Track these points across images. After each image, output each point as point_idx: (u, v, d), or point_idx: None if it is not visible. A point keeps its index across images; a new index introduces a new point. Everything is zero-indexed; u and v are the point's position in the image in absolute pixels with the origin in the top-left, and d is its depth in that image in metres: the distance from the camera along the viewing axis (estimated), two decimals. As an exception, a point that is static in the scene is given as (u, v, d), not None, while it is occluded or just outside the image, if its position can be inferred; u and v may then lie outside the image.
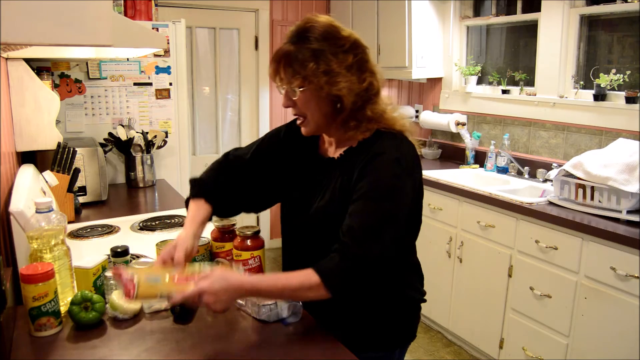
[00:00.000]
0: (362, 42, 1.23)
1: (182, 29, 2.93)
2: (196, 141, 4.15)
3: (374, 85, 1.23)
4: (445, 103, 3.72)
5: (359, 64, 1.20)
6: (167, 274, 1.13)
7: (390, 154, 1.18)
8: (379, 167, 1.17)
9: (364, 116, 1.22)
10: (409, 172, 1.19)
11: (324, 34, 1.18)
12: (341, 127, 1.24)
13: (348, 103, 1.19)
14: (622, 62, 2.71)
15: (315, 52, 1.16)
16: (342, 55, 1.18)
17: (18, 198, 1.43)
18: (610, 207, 2.21)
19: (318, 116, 1.22)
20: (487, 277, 2.67)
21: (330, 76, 1.16)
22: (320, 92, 1.18)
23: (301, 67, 1.16)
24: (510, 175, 3.07)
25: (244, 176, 1.40)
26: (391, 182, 1.16)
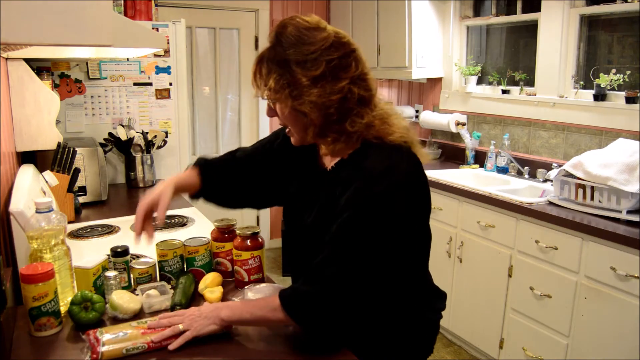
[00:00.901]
0: (346, 43, 1.09)
1: (182, 29, 2.93)
2: (196, 141, 4.15)
3: (354, 94, 1.07)
4: (445, 103, 3.72)
5: (334, 71, 1.06)
6: (133, 329, 1.14)
7: (374, 169, 1.05)
8: (360, 188, 1.05)
9: (343, 130, 1.09)
10: (397, 186, 1.05)
11: (294, 38, 1.06)
12: (320, 139, 1.13)
13: (314, 119, 1.08)
14: (622, 62, 2.71)
15: (280, 62, 1.06)
16: (311, 64, 1.05)
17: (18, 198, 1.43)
18: (610, 207, 2.21)
19: (297, 129, 1.13)
20: (487, 277, 2.67)
21: (293, 89, 1.06)
22: (286, 105, 1.09)
23: (267, 77, 1.08)
24: (510, 175, 3.07)
25: (246, 170, 1.37)
26: (372, 204, 1.03)
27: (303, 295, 1.07)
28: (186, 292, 1.34)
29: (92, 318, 1.21)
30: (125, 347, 1.08)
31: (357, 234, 1.04)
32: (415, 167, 1.11)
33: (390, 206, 1.04)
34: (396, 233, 1.06)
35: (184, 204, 2.40)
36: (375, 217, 1.03)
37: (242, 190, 1.39)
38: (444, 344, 3.00)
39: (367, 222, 1.03)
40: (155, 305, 1.31)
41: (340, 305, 1.05)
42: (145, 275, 1.43)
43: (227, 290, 1.42)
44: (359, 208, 1.04)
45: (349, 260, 1.03)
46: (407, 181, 1.07)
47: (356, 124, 1.09)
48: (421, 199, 1.13)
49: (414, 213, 1.11)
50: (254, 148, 1.41)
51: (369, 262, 1.04)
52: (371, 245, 1.04)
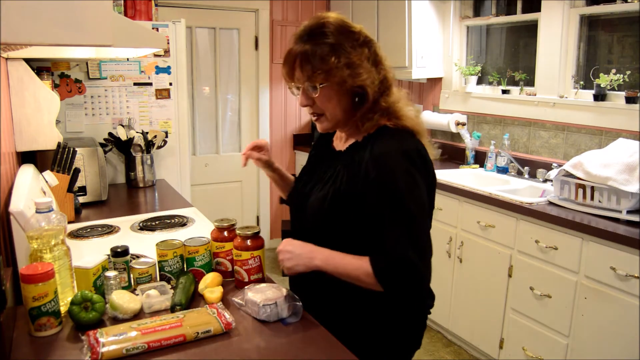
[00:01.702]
0: (370, 37, 1.25)
1: (182, 29, 2.93)
2: (196, 141, 4.15)
3: (388, 78, 1.24)
4: (445, 103, 3.73)
5: (373, 56, 1.22)
6: (133, 329, 1.14)
7: (395, 149, 1.18)
8: (388, 168, 1.17)
9: (379, 107, 1.22)
10: (417, 165, 1.18)
11: (339, 28, 1.19)
12: (359, 120, 1.24)
13: (371, 94, 1.20)
14: (622, 62, 2.71)
15: (333, 47, 1.17)
16: (359, 49, 1.20)
17: (18, 198, 1.43)
18: (610, 207, 2.21)
19: (337, 111, 1.23)
20: (487, 277, 2.67)
21: (353, 68, 1.18)
22: (342, 86, 1.19)
23: (322, 62, 1.17)
24: (510, 175, 3.07)
25: None
26: (404, 180, 1.15)
27: (395, 265, 1.14)
28: (186, 292, 1.34)
29: (92, 318, 1.21)
30: (125, 347, 1.08)
31: (406, 204, 1.15)
32: (424, 150, 1.22)
33: (415, 180, 1.17)
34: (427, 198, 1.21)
35: (184, 204, 2.40)
36: (411, 192, 1.15)
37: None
38: (444, 344, 3.00)
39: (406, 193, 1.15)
40: (155, 305, 1.31)
41: (424, 269, 1.17)
42: (145, 275, 1.43)
43: (227, 290, 1.42)
44: (391, 184, 1.15)
45: (414, 228, 1.15)
46: (422, 160, 1.20)
47: (388, 102, 1.22)
48: (431, 180, 1.24)
49: (428, 189, 1.22)
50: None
51: (423, 228, 1.19)
52: (419, 213, 1.17)
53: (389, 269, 1.15)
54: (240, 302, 1.32)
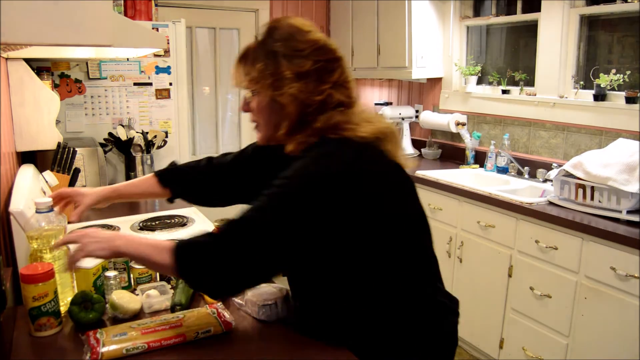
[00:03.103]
0: (333, 51, 1.13)
1: (182, 29, 2.93)
2: (196, 141, 4.15)
3: (333, 99, 1.10)
4: (445, 103, 3.72)
5: (318, 72, 1.09)
6: (133, 329, 1.14)
7: (312, 155, 1.06)
8: (293, 167, 1.05)
9: (312, 128, 1.10)
10: (322, 174, 1.02)
11: (285, 35, 1.10)
12: (289, 138, 1.12)
13: (290, 112, 1.09)
14: (622, 62, 2.71)
15: (268, 53, 1.09)
16: (298, 60, 1.08)
17: (18, 198, 1.43)
18: (610, 207, 2.21)
19: (269, 124, 1.14)
20: (487, 277, 2.67)
21: (275, 79, 1.08)
22: (265, 96, 1.11)
23: (251, 67, 1.11)
24: (510, 175, 3.07)
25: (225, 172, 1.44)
26: (288, 183, 1.03)
27: (197, 245, 1.04)
28: (186, 292, 1.34)
29: (92, 318, 1.21)
30: (125, 347, 1.08)
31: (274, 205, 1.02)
32: (363, 158, 1.06)
33: (315, 190, 1.01)
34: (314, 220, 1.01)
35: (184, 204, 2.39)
36: (296, 196, 1.01)
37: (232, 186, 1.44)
38: (444, 344, 3.00)
39: (286, 198, 1.02)
40: (155, 305, 1.31)
41: (230, 267, 1.02)
42: (145, 275, 1.43)
43: (227, 290, 1.42)
44: (286, 184, 1.03)
45: (255, 227, 1.01)
46: (344, 170, 1.03)
47: (326, 123, 1.09)
48: (362, 192, 1.04)
49: (347, 203, 1.02)
50: (237, 152, 1.47)
51: (275, 236, 1.01)
52: (283, 221, 1.01)
53: (191, 241, 1.05)
54: (240, 302, 1.32)
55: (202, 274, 1.03)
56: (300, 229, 1.01)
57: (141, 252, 1.08)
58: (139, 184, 1.47)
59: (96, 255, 1.10)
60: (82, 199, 1.40)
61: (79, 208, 1.39)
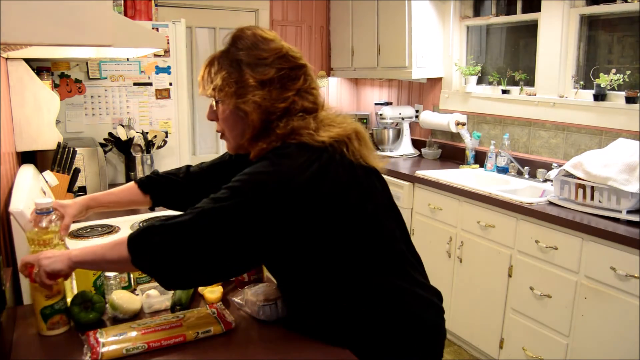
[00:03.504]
0: (296, 59, 1.14)
1: (182, 29, 2.93)
2: (196, 141, 4.15)
3: (297, 105, 1.12)
4: (445, 103, 3.72)
5: (282, 80, 1.11)
6: (133, 329, 1.14)
7: (269, 155, 1.09)
8: (250, 168, 1.08)
9: (274, 134, 1.12)
10: (279, 174, 1.04)
11: (250, 43, 1.12)
12: (253, 145, 1.15)
13: (253, 120, 1.11)
14: (622, 62, 2.71)
15: (232, 62, 1.11)
16: (262, 69, 1.10)
17: (18, 198, 1.43)
18: (610, 207, 2.21)
19: (235, 133, 1.16)
20: (487, 277, 2.67)
21: (239, 87, 1.10)
22: (229, 105, 1.13)
23: (216, 74, 1.13)
24: (510, 175, 3.07)
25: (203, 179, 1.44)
26: (246, 180, 1.05)
27: (152, 228, 1.05)
28: (186, 292, 1.34)
29: (92, 318, 1.21)
30: (125, 347, 1.08)
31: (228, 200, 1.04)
32: (317, 160, 1.07)
33: (266, 189, 1.03)
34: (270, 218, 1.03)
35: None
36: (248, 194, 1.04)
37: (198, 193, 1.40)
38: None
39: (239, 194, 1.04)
40: (155, 305, 1.31)
41: (179, 256, 1.03)
42: (145, 275, 1.43)
43: (227, 291, 1.42)
44: (242, 180, 1.06)
45: (207, 218, 1.03)
46: (296, 171, 1.05)
47: (287, 128, 1.11)
48: (315, 196, 1.06)
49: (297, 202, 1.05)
50: (215, 159, 1.49)
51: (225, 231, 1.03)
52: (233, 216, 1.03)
53: (144, 229, 1.07)
54: (240, 302, 1.32)
55: (157, 257, 1.05)
56: (252, 226, 1.03)
57: (96, 254, 1.10)
58: (119, 192, 1.47)
59: (56, 270, 1.10)
60: (65, 210, 1.37)
61: (65, 220, 1.36)
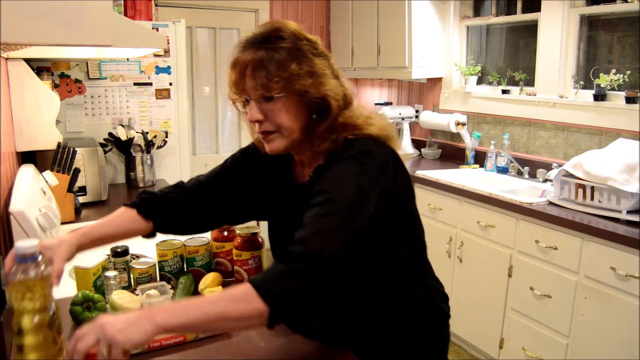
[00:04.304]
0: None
1: (182, 29, 2.93)
2: (196, 141, 4.15)
3: (347, 95, 1.10)
4: (445, 103, 3.72)
5: (332, 69, 1.09)
6: None
7: (351, 153, 1.02)
8: (337, 169, 1.01)
9: (337, 124, 1.07)
10: (374, 172, 1.01)
11: (296, 34, 1.06)
12: (315, 139, 1.08)
13: (334, 108, 1.06)
14: (622, 62, 2.71)
15: (292, 52, 1.04)
16: (319, 59, 1.07)
17: (18, 198, 1.43)
18: (610, 207, 2.21)
19: (295, 127, 1.07)
20: (487, 277, 2.67)
21: (315, 77, 1.04)
22: (303, 98, 1.04)
23: (280, 69, 1.02)
24: (510, 175, 3.07)
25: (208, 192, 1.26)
26: (347, 182, 0.99)
27: (282, 275, 0.90)
28: (186, 292, 1.34)
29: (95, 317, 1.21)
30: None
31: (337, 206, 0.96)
32: (394, 155, 1.08)
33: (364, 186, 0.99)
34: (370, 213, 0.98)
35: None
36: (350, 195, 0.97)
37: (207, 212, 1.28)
38: (444, 344, 3.00)
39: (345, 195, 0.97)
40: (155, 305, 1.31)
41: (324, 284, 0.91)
42: (145, 275, 1.43)
43: (227, 290, 1.42)
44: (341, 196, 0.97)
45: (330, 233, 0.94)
46: (385, 167, 1.03)
47: (347, 119, 1.07)
48: (403, 182, 1.08)
49: (394, 191, 1.04)
50: (212, 171, 1.31)
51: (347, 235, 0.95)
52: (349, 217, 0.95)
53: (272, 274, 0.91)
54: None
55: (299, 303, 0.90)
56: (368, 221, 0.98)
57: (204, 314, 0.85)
58: (114, 222, 1.22)
59: (137, 343, 0.82)
60: (53, 253, 1.05)
61: (57, 265, 1.03)
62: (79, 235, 1.15)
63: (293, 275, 0.90)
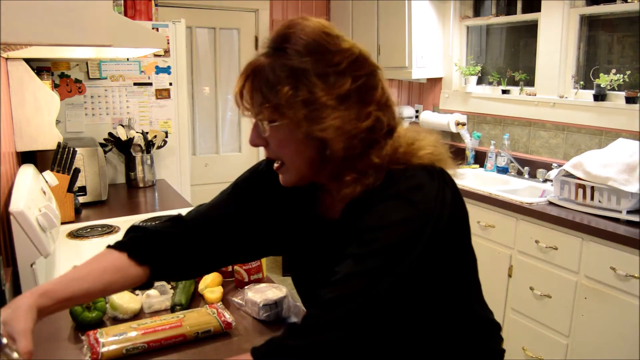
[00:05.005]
0: (369, 59, 0.87)
1: (182, 29, 2.93)
2: (196, 141, 4.15)
3: (382, 123, 0.86)
4: (445, 103, 3.72)
5: (360, 92, 0.84)
6: (133, 329, 1.14)
7: (398, 192, 0.83)
8: (381, 213, 0.82)
9: (369, 165, 0.86)
10: (426, 214, 0.82)
11: (311, 45, 0.82)
12: (334, 179, 0.89)
13: (337, 150, 0.83)
14: (622, 62, 2.71)
15: (294, 72, 0.81)
16: (335, 79, 0.82)
17: (18, 198, 1.43)
18: (610, 207, 2.21)
19: (299, 163, 0.87)
20: (487, 277, 2.67)
21: (312, 109, 0.81)
22: (297, 131, 0.83)
23: (271, 91, 0.82)
24: (510, 175, 3.07)
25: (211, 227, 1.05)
26: (393, 232, 0.80)
27: (288, 352, 0.77)
28: (186, 292, 1.34)
29: (95, 317, 1.21)
30: (125, 347, 1.08)
31: (372, 273, 0.78)
32: (451, 184, 0.91)
33: (413, 235, 0.80)
34: (418, 265, 0.81)
35: (184, 204, 2.40)
36: (394, 248, 0.80)
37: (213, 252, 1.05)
38: (444, 344, 3.00)
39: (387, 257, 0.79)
40: (155, 305, 1.31)
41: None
42: (145, 275, 1.42)
43: (227, 290, 1.42)
44: (378, 236, 0.80)
45: (359, 306, 0.77)
46: (445, 203, 0.86)
47: (382, 157, 0.86)
48: (461, 219, 0.93)
49: (451, 236, 0.88)
50: (217, 198, 1.11)
51: (386, 309, 0.79)
52: (392, 288, 0.79)
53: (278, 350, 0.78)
54: (240, 302, 1.32)
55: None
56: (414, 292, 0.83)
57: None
58: (88, 275, 0.95)
59: None
60: (12, 329, 0.81)
61: (22, 343, 0.80)
62: (36, 295, 0.88)
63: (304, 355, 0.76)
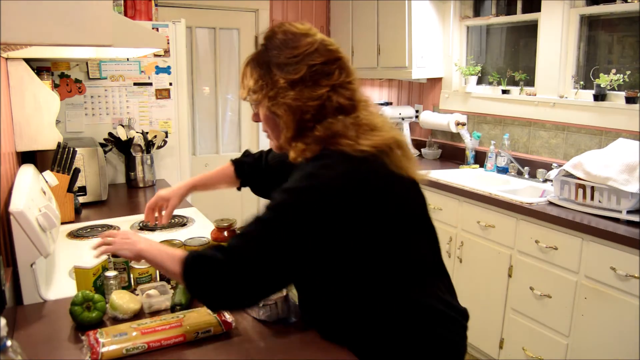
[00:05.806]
0: (333, 50, 1.10)
1: (182, 29, 2.93)
2: (196, 141, 4.15)
3: (332, 102, 1.07)
4: (445, 103, 3.72)
5: (314, 76, 1.06)
6: (133, 329, 1.14)
7: (313, 166, 1.04)
8: (290, 180, 1.06)
9: (312, 136, 1.08)
10: (317, 188, 1.01)
11: (280, 42, 1.10)
12: (291, 146, 1.12)
13: (286, 122, 1.08)
14: (622, 62, 2.71)
15: (262, 64, 1.10)
16: (291, 67, 1.06)
17: (18, 198, 1.43)
18: (610, 207, 2.21)
19: (275, 133, 1.15)
20: (487, 277, 2.67)
21: (269, 89, 1.08)
22: (264, 108, 1.12)
23: (250, 78, 1.12)
24: (510, 175, 3.07)
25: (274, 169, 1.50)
26: (284, 194, 1.03)
27: (205, 259, 1.04)
28: (186, 292, 1.34)
29: (95, 317, 1.21)
30: (125, 347, 1.08)
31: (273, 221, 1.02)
32: (359, 172, 1.03)
33: (307, 204, 1.01)
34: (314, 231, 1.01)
35: (184, 204, 2.40)
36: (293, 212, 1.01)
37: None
38: (444, 344, 3.00)
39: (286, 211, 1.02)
40: (155, 305, 1.31)
41: (236, 285, 1.02)
42: (145, 275, 1.43)
43: (227, 290, 1.42)
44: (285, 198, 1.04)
45: (259, 244, 1.01)
46: (340, 183, 1.01)
47: (327, 130, 1.06)
48: (368, 205, 1.03)
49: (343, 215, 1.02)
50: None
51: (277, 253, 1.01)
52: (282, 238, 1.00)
53: (199, 255, 1.06)
54: (240, 302, 1.32)
55: (206, 287, 1.04)
56: (302, 242, 1.01)
57: (157, 258, 1.14)
58: (215, 176, 1.60)
59: (121, 255, 1.20)
60: (168, 202, 1.56)
61: (168, 210, 1.56)
62: (185, 187, 1.60)
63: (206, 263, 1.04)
